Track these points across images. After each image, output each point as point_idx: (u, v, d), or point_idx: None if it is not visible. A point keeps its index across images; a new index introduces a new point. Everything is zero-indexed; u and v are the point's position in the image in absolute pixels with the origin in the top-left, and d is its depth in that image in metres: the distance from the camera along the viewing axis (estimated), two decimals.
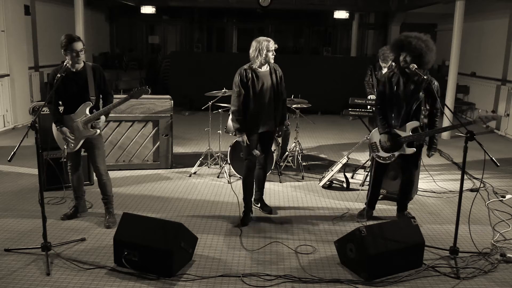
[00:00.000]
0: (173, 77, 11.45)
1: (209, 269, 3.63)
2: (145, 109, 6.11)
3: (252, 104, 4.35)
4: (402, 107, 4.26)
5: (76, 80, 4.16)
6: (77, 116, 4.22)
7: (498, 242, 4.19)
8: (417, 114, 4.27)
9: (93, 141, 4.30)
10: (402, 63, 4.15)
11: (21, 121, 8.74)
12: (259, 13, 14.50)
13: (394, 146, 4.32)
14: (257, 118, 4.40)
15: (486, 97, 9.98)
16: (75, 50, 4.07)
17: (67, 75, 4.08)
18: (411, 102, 4.23)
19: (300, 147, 6.42)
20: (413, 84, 4.21)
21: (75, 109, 4.22)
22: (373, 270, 3.48)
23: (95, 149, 4.34)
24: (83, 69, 4.20)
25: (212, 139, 6.61)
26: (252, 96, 4.34)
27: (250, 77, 4.32)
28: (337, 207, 5.03)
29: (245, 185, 4.58)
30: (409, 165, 4.46)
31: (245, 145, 4.41)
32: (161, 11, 14.35)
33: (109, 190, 4.46)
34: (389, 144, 4.32)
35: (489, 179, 5.98)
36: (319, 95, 9.88)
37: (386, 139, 4.33)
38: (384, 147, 4.39)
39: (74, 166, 4.46)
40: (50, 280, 3.38)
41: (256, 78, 4.33)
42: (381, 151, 4.43)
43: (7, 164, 5.99)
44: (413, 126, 4.26)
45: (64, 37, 4.09)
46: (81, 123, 4.21)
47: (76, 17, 8.70)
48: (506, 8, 9.50)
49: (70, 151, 4.35)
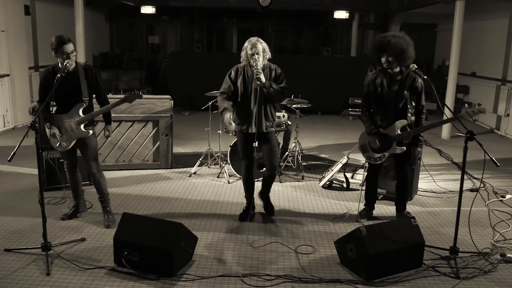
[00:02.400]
0: (173, 77, 11.44)
1: (209, 269, 3.63)
2: (145, 109, 6.11)
3: (240, 103, 4.37)
4: (389, 107, 4.31)
5: (69, 81, 4.14)
6: (70, 117, 4.22)
7: (498, 242, 4.18)
8: (403, 113, 4.30)
9: (85, 140, 4.30)
10: (385, 64, 4.20)
11: (21, 121, 8.74)
12: (259, 13, 14.51)
13: (383, 146, 4.34)
14: (245, 118, 4.36)
15: (486, 97, 9.98)
16: (65, 52, 4.06)
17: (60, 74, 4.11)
18: (397, 101, 4.27)
19: (300, 147, 6.42)
20: (397, 84, 4.26)
21: (68, 109, 4.23)
22: (373, 270, 3.48)
23: (87, 148, 4.35)
24: (75, 69, 4.19)
25: (212, 139, 6.61)
26: (240, 95, 4.35)
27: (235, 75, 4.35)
28: (337, 207, 5.03)
29: (243, 183, 4.66)
30: (402, 163, 4.48)
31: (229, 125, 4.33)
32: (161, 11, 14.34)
33: (104, 188, 4.46)
34: (379, 144, 4.35)
35: (489, 179, 5.98)
36: (319, 95, 9.88)
37: (375, 139, 4.36)
38: (374, 148, 4.41)
39: (70, 165, 4.48)
40: (50, 280, 3.38)
41: (243, 79, 4.33)
42: (371, 152, 4.45)
43: (7, 164, 5.99)
44: (402, 125, 4.29)
45: (55, 39, 4.08)
46: (74, 123, 4.21)
47: (76, 17, 8.70)
48: (506, 8, 9.50)
49: (61, 150, 4.36)
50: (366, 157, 4.53)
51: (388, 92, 4.27)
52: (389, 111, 4.31)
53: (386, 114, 4.33)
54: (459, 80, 9.81)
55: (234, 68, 4.41)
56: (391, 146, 4.33)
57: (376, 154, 4.42)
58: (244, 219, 4.55)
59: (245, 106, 4.35)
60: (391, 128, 4.32)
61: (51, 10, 10.68)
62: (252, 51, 4.21)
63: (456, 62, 8.58)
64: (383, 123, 4.36)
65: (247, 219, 4.55)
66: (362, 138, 4.57)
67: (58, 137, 4.26)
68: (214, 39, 16.62)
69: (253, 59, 4.22)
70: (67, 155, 4.42)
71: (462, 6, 8.36)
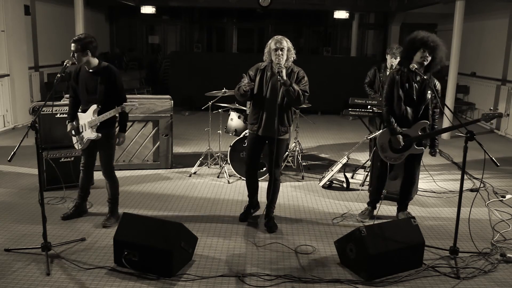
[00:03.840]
0: (173, 77, 11.44)
1: (209, 269, 3.63)
2: (145, 109, 6.11)
3: (255, 103, 4.25)
4: (412, 106, 4.26)
5: (89, 80, 4.18)
6: (85, 117, 4.25)
7: (498, 242, 4.19)
8: (425, 114, 4.28)
9: (100, 143, 4.29)
10: (421, 59, 4.11)
11: (21, 121, 8.73)
12: (259, 13, 14.50)
13: (404, 146, 4.31)
14: (258, 119, 4.22)
15: (486, 97, 9.99)
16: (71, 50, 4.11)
17: (82, 74, 4.19)
18: (420, 102, 4.24)
19: (300, 147, 6.42)
20: (422, 84, 4.22)
21: (86, 109, 4.25)
22: (373, 270, 3.48)
23: (100, 151, 4.37)
24: (96, 69, 4.19)
25: (212, 139, 6.61)
26: (256, 94, 4.21)
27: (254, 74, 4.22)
28: (337, 207, 5.03)
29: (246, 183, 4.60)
30: (414, 164, 4.46)
31: (245, 88, 4.11)
32: (161, 11, 14.35)
33: (112, 192, 4.45)
34: (402, 145, 4.30)
35: (489, 179, 5.98)
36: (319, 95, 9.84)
37: (399, 140, 4.27)
38: (394, 148, 4.37)
39: (85, 165, 4.50)
40: (50, 280, 3.38)
41: (261, 78, 4.18)
42: (390, 152, 4.41)
43: (7, 164, 5.99)
44: (422, 126, 4.27)
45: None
46: (87, 124, 4.23)
47: (76, 17, 8.70)
48: (506, 8, 9.50)
49: (80, 149, 4.42)
50: (385, 157, 4.44)
51: (414, 90, 4.22)
52: (412, 110, 4.26)
53: (409, 113, 4.27)
54: (459, 80, 9.82)
55: (254, 66, 4.27)
56: (411, 146, 4.31)
57: (395, 155, 4.38)
58: (244, 219, 4.55)
59: (259, 107, 4.20)
60: (412, 129, 4.27)
61: (51, 10, 10.68)
62: (276, 46, 4.04)
63: (456, 62, 8.59)
64: (405, 123, 4.29)
65: (247, 219, 4.55)
66: (381, 137, 4.44)
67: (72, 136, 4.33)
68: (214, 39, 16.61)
69: (276, 54, 4.03)
70: (83, 154, 4.46)
71: (462, 6, 8.36)
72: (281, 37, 4.13)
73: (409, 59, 4.19)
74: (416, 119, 4.28)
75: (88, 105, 4.21)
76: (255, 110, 4.25)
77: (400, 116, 4.30)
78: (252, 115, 4.29)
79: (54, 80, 4.23)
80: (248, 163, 4.44)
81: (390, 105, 4.34)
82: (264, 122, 4.19)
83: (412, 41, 4.19)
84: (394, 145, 4.33)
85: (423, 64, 4.12)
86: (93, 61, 4.16)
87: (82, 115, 4.28)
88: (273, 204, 4.42)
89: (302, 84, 4.14)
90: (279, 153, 4.28)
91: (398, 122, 4.30)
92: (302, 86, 4.13)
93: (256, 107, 4.25)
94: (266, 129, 4.19)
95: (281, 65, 4.00)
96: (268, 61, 4.17)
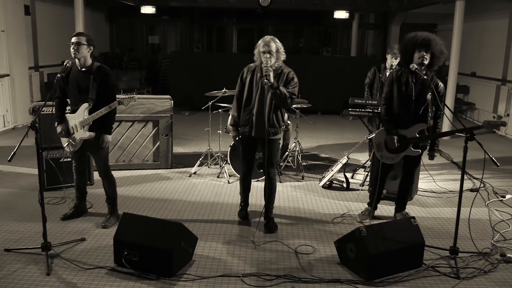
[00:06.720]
0: (173, 77, 11.45)
1: (209, 269, 3.63)
2: (145, 109, 6.12)
3: (246, 104, 4.25)
4: (410, 107, 4.22)
5: (81, 79, 4.16)
6: (75, 117, 4.21)
7: (498, 242, 4.18)
8: (424, 116, 4.24)
9: (93, 145, 4.28)
10: (420, 59, 4.07)
11: (21, 121, 8.74)
12: (259, 13, 14.50)
13: (400, 147, 4.29)
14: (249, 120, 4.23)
15: (486, 97, 9.99)
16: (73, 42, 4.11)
17: (73, 74, 4.14)
18: (419, 103, 4.20)
19: (300, 147, 6.42)
20: (422, 85, 4.18)
21: (76, 109, 4.21)
22: (373, 270, 3.48)
23: (94, 151, 4.35)
24: (89, 68, 4.19)
25: (212, 139, 6.61)
26: (245, 95, 4.24)
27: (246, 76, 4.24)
28: (337, 207, 5.03)
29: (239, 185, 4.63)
30: (412, 165, 4.45)
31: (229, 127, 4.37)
32: (161, 11, 14.35)
33: (109, 192, 4.45)
34: (397, 145, 4.28)
35: (489, 179, 5.98)
36: (319, 95, 9.89)
37: (394, 141, 4.26)
38: (389, 148, 4.36)
39: (78, 166, 4.47)
40: (50, 280, 3.38)
41: (251, 79, 4.21)
42: (385, 151, 4.41)
43: (7, 164, 5.99)
44: (420, 128, 4.24)
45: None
46: (79, 124, 4.20)
47: (76, 17, 8.71)
48: (506, 8, 9.50)
49: (71, 151, 4.35)
50: (380, 156, 4.44)
51: (413, 91, 4.18)
52: (410, 111, 4.22)
53: (407, 114, 4.24)
54: (459, 80, 9.82)
55: (246, 67, 4.29)
56: (407, 148, 4.28)
57: (390, 154, 4.37)
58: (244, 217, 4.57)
59: (249, 108, 4.23)
60: (409, 130, 4.25)
61: (51, 10, 10.68)
62: (264, 49, 4.03)
63: (456, 62, 8.59)
64: (402, 124, 4.26)
65: (247, 216, 4.57)
66: (378, 137, 4.44)
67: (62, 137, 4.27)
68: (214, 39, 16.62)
69: (264, 57, 4.04)
70: (75, 156, 4.42)
71: (462, 6, 8.36)
72: (270, 39, 4.11)
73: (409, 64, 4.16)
74: (415, 120, 4.25)
75: (79, 105, 4.18)
76: (246, 112, 4.27)
77: (398, 117, 4.29)
78: (243, 116, 4.29)
79: (54, 80, 4.22)
80: (243, 166, 4.44)
81: (388, 105, 4.34)
82: (255, 123, 4.21)
83: (404, 47, 4.21)
84: (389, 145, 4.32)
85: (424, 64, 4.08)
86: (88, 60, 4.18)
87: (71, 115, 4.23)
88: (271, 205, 4.42)
89: (291, 86, 4.13)
90: (272, 153, 4.30)
91: (396, 123, 4.29)
92: (290, 88, 4.12)
93: (247, 108, 4.26)
94: (257, 130, 4.21)
95: (268, 68, 3.99)
96: (259, 61, 4.17)
